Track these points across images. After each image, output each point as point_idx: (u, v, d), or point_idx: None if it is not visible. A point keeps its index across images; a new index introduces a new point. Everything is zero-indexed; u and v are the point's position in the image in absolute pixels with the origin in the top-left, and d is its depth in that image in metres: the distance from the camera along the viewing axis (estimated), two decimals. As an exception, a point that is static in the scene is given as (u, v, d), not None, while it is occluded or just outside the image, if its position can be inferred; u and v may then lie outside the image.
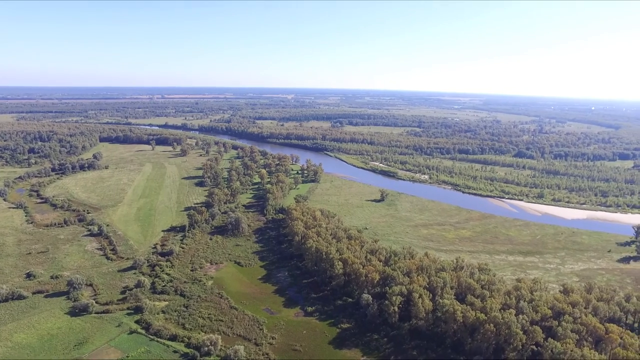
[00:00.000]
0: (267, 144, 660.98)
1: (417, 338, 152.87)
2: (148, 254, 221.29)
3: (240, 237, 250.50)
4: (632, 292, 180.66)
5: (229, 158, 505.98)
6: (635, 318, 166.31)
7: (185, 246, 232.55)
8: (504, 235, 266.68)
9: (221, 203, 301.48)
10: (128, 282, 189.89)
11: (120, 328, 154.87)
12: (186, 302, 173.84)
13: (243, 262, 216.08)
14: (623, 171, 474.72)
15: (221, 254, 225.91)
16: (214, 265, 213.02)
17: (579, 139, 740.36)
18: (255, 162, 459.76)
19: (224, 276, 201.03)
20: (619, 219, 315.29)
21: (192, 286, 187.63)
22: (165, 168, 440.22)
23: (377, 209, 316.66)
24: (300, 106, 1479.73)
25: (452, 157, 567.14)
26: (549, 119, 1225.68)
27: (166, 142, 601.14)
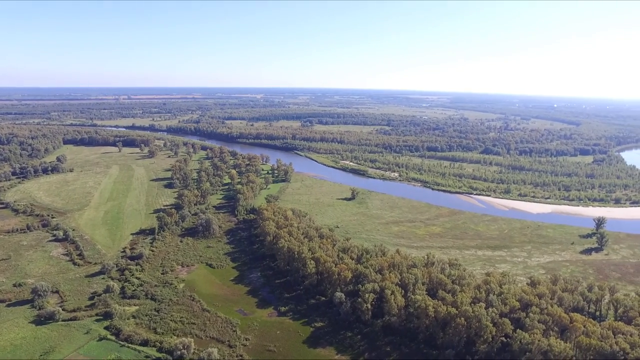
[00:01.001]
0: (237, 144, 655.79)
1: (390, 334, 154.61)
2: (117, 258, 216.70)
3: (212, 238, 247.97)
4: (594, 282, 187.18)
5: (198, 159, 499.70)
6: (597, 307, 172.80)
7: (156, 249, 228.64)
8: (473, 231, 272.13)
9: (191, 204, 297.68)
10: (96, 288, 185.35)
11: (88, 335, 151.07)
12: (157, 306, 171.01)
13: (215, 264, 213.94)
14: (584, 166, 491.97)
15: (192, 256, 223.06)
16: (185, 267, 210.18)
17: (542, 136, 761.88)
18: (225, 162, 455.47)
19: (196, 278, 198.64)
20: (581, 212, 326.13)
21: (163, 289, 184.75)
22: (133, 170, 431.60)
23: (348, 207, 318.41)
24: (269, 106, 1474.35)
25: (421, 154, 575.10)
26: (514, 116, 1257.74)
27: (133, 143, 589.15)
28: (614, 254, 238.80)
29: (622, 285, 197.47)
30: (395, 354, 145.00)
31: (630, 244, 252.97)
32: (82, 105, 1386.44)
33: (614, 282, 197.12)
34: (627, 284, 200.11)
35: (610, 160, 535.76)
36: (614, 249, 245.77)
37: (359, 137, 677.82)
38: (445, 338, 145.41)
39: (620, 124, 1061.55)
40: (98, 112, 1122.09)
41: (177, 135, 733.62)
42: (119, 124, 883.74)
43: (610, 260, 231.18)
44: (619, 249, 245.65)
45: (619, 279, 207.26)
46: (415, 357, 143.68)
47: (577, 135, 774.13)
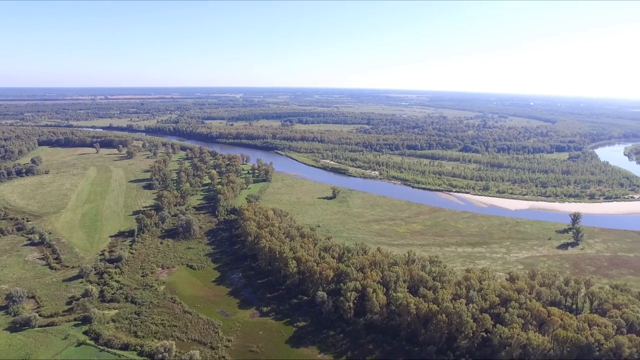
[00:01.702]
0: (216, 144, 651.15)
1: (372, 332, 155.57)
2: (95, 261, 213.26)
3: (192, 239, 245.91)
4: (570, 276, 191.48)
5: (177, 159, 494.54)
6: (574, 300, 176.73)
7: (135, 251, 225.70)
8: (452, 228, 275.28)
9: (171, 205, 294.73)
10: (74, 292, 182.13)
11: (66, 341, 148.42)
12: (138, 309, 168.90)
13: (195, 265, 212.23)
14: (560, 163, 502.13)
15: (173, 257, 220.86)
16: (165, 269, 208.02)
17: (519, 133, 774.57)
18: (205, 162, 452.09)
19: (177, 280, 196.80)
20: (558, 207, 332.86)
21: (144, 292, 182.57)
22: (111, 171, 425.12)
23: (329, 206, 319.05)
24: (249, 105, 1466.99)
25: (401, 152, 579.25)
26: (492, 114, 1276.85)
27: (111, 144, 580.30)
28: (589, 248, 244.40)
29: (597, 278, 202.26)
30: (378, 352, 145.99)
31: (604, 238, 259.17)
32: (57, 105, 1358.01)
33: (589, 275, 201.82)
34: (601, 277, 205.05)
35: (584, 157, 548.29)
36: (589, 243, 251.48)
37: (339, 136, 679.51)
38: (427, 335, 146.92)
39: (594, 121, 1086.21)
40: (74, 113, 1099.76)
41: (156, 135, 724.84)
42: (96, 125, 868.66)
43: (585, 254, 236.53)
44: (593, 243, 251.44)
45: (594, 272, 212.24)
46: (398, 354, 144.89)
47: (553, 132, 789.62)
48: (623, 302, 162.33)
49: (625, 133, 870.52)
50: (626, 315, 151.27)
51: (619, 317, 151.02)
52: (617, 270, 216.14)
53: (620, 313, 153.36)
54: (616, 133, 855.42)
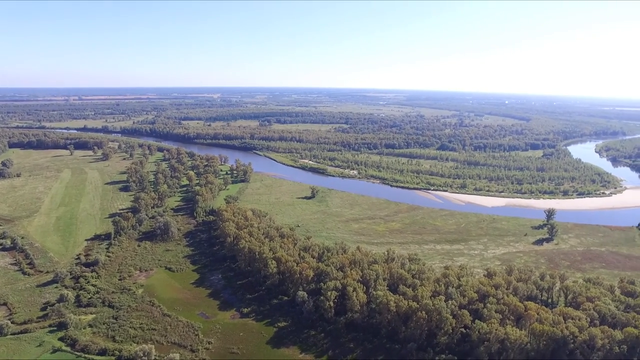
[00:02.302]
0: (194, 145, 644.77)
1: (353, 331, 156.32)
2: (71, 265, 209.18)
3: (170, 241, 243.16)
4: (546, 271, 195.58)
5: (154, 161, 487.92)
6: (549, 294, 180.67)
7: (112, 254, 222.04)
8: (431, 226, 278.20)
9: (148, 207, 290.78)
10: (49, 297, 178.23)
11: (41, 348, 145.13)
12: (115, 313, 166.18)
13: (174, 267, 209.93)
14: (534, 160, 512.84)
15: (151, 260, 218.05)
16: (143, 272, 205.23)
17: (495, 131, 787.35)
18: (182, 164, 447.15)
19: (155, 283, 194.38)
20: (533, 204, 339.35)
21: (121, 296, 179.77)
22: (86, 174, 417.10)
23: (308, 206, 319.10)
24: (227, 105, 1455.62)
25: (379, 151, 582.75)
26: (468, 113, 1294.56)
27: (86, 146, 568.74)
28: (563, 244, 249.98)
29: (571, 272, 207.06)
30: (359, 350, 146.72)
31: (577, 233, 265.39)
32: (28, 106, 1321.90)
33: (564, 270, 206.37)
34: (575, 271, 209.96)
35: (558, 154, 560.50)
36: (563, 238, 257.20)
37: (317, 136, 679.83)
38: (407, 332, 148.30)
39: (566, 119, 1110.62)
40: (46, 114, 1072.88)
41: (132, 136, 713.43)
42: (70, 126, 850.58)
43: (560, 249, 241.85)
44: (567, 239, 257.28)
45: (568, 266, 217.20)
46: (378, 352, 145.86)
47: (528, 130, 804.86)
48: (596, 295, 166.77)
49: (596, 131, 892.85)
50: (599, 308, 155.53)
51: (592, 309, 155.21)
52: (590, 264, 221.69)
53: (593, 306, 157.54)
54: (588, 131, 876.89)
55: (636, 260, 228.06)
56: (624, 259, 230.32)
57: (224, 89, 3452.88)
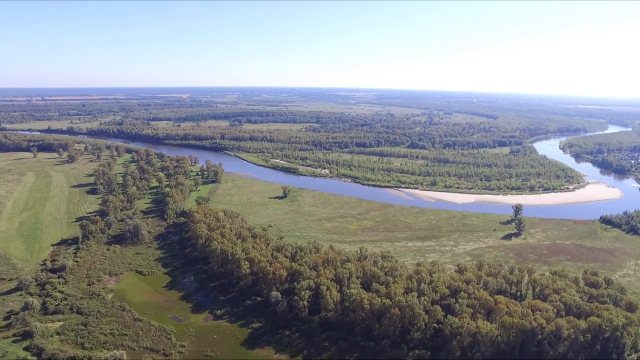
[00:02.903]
0: (163, 145, 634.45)
1: (327, 329, 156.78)
2: (36, 271, 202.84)
3: (141, 244, 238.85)
4: (514, 265, 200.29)
5: (123, 162, 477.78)
6: (518, 287, 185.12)
7: (80, 259, 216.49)
8: (402, 223, 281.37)
9: (117, 210, 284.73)
10: (13, 306, 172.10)
11: (4, 358, 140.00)
12: (84, 320, 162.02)
13: (145, 271, 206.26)
14: (502, 157, 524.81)
15: (120, 264, 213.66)
16: (113, 276, 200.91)
17: (464, 129, 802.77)
18: (152, 165, 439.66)
19: (126, 287, 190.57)
20: (501, 200, 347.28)
21: (90, 302, 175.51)
22: (51, 177, 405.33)
23: (280, 205, 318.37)
24: (196, 105, 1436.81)
25: (350, 150, 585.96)
26: (438, 111, 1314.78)
27: (50, 148, 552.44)
28: (530, 238, 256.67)
29: (539, 266, 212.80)
30: (333, 349, 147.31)
31: (544, 228, 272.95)
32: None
33: (532, 263, 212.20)
34: (542, 265, 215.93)
35: (524, 151, 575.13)
36: (530, 233, 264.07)
37: (288, 135, 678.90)
38: (381, 329, 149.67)
39: (532, 117, 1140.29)
40: (7, 115, 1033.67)
41: (99, 138, 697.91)
42: (33, 128, 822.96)
43: (527, 243, 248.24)
44: (534, 233, 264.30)
45: (536, 260, 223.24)
46: (353, 350, 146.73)
47: (495, 128, 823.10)
48: (561, 287, 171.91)
49: (559, 128, 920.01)
50: (564, 299, 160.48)
51: (558, 301, 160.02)
52: (556, 257, 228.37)
53: (560, 297, 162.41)
54: (552, 128, 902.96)
55: (598, 252, 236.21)
56: (587, 251, 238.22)
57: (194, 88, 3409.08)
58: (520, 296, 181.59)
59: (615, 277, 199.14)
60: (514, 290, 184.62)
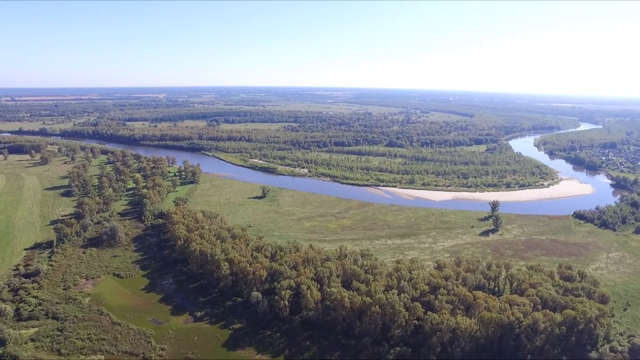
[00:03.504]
0: (140, 146, 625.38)
1: (309, 329, 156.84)
2: (8, 277, 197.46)
3: (118, 247, 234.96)
4: (492, 261, 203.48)
5: (98, 164, 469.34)
6: (496, 283, 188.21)
7: (55, 263, 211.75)
8: (382, 221, 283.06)
9: (93, 213, 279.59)
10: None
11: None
12: (60, 325, 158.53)
13: (123, 274, 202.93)
14: (479, 154, 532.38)
15: (97, 267, 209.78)
16: (90, 280, 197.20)
17: (441, 127, 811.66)
18: (128, 166, 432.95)
19: (103, 291, 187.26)
20: (478, 197, 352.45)
21: (67, 306, 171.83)
22: (23, 179, 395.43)
23: (259, 205, 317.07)
24: (173, 105, 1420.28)
25: (329, 149, 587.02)
26: (415, 110, 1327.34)
27: (22, 150, 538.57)
28: (507, 234, 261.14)
29: (515, 261, 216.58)
30: (315, 348, 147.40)
31: (520, 224, 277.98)
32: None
33: (509, 259, 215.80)
34: (519, 260, 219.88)
35: (500, 149, 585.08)
36: (507, 229, 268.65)
37: (267, 135, 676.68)
38: (362, 327, 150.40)
39: (507, 115, 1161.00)
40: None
41: (73, 139, 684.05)
42: (3, 129, 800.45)
43: (504, 239, 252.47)
44: (511, 229, 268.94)
45: (512, 255, 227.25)
46: (334, 348, 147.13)
47: (472, 126, 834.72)
48: (538, 281, 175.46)
49: (534, 125, 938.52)
50: (540, 293, 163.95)
51: (535, 295, 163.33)
52: (532, 252, 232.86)
53: (536, 291, 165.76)
54: (526, 125, 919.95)
55: (572, 247, 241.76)
56: (562, 245, 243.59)
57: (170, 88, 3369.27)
58: (498, 291, 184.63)
59: (589, 271, 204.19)
60: (492, 285, 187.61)
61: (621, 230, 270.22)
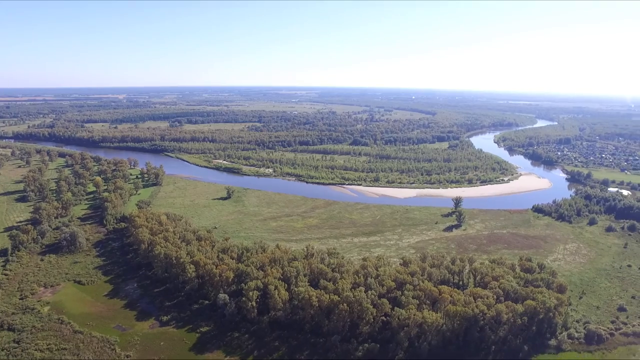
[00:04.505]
0: (100, 149, 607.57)
1: (277, 329, 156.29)
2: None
3: (79, 253, 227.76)
4: (456, 256, 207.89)
5: (56, 167, 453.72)
6: (460, 277, 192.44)
7: (10, 272, 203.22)
8: (347, 220, 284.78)
9: (51, 218, 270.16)
10: None
11: None
12: (17, 337, 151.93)
13: (84, 280, 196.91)
14: (441, 151, 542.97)
15: (57, 274, 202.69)
16: (49, 288, 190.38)
17: (404, 125, 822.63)
18: (88, 169, 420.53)
19: (63, 299, 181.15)
20: (442, 193, 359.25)
21: (23, 317, 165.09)
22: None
23: (224, 206, 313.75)
24: (134, 106, 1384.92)
25: (293, 149, 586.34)
26: (378, 108, 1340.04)
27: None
28: (470, 229, 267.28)
29: (478, 255, 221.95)
30: (284, 348, 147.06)
31: (482, 219, 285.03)
32: None
33: (472, 253, 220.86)
34: (482, 254, 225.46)
35: (462, 146, 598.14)
36: (470, 224, 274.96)
37: (231, 135, 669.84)
38: (330, 325, 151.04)
39: (468, 112, 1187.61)
40: None
41: (28, 142, 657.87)
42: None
43: (467, 234, 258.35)
44: (474, 224, 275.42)
45: (476, 250, 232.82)
46: (303, 347, 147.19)
47: (434, 124, 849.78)
48: (500, 274, 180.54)
49: (493, 122, 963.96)
50: (503, 285, 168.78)
51: (498, 287, 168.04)
52: (494, 246, 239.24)
53: (499, 284, 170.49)
54: (486, 123, 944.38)
55: (532, 240, 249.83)
56: (522, 239, 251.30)
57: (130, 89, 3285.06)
58: (462, 285, 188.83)
59: (547, 262, 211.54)
60: (457, 279, 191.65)
61: (576, 222, 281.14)
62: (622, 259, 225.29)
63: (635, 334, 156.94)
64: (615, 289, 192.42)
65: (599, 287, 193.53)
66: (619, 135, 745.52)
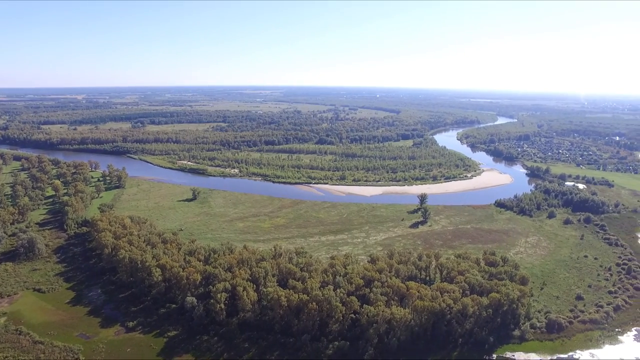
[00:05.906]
0: (58, 151, 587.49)
1: (247, 330, 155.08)
2: None
3: (38, 259, 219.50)
4: (423, 252, 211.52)
5: (10, 171, 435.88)
6: (427, 272, 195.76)
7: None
8: (315, 218, 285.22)
9: (7, 224, 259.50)
10: None
11: None
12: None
13: (44, 288, 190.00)
14: (406, 149, 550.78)
15: (14, 283, 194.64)
16: (5, 298, 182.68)
17: (369, 124, 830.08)
18: (46, 173, 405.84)
19: (22, 308, 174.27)
20: (407, 190, 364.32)
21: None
22: None
23: (190, 208, 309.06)
24: (93, 107, 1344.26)
25: (259, 149, 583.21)
26: (343, 107, 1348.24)
27: None
28: (435, 225, 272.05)
29: (444, 250, 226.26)
30: (254, 349, 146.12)
31: (447, 215, 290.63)
32: None
33: (438, 249, 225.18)
34: (447, 249, 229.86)
35: (426, 143, 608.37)
36: (435, 220, 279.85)
37: (195, 136, 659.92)
38: (300, 324, 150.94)
39: (431, 110, 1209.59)
40: None
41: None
42: None
43: (433, 230, 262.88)
44: (439, 220, 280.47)
45: (441, 245, 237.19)
46: (273, 348, 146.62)
47: (399, 122, 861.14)
48: (465, 268, 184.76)
49: (456, 120, 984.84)
50: (468, 279, 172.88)
51: (463, 281, 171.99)
52: (459, 241, 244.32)
53: (464, 278, 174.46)
54: (449, 120, 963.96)
55: (495, 234, 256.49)
56: (485, 233, 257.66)
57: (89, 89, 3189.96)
58: (429, 280, 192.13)
59: (510, 255, 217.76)
60: (424, 275, 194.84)
61: (537, 216, 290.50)
62: (579, 250, 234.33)
63: (592, 321, 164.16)
64: (573, 279, 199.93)
65: (558, 277, 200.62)
66: (574, 132, 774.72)
